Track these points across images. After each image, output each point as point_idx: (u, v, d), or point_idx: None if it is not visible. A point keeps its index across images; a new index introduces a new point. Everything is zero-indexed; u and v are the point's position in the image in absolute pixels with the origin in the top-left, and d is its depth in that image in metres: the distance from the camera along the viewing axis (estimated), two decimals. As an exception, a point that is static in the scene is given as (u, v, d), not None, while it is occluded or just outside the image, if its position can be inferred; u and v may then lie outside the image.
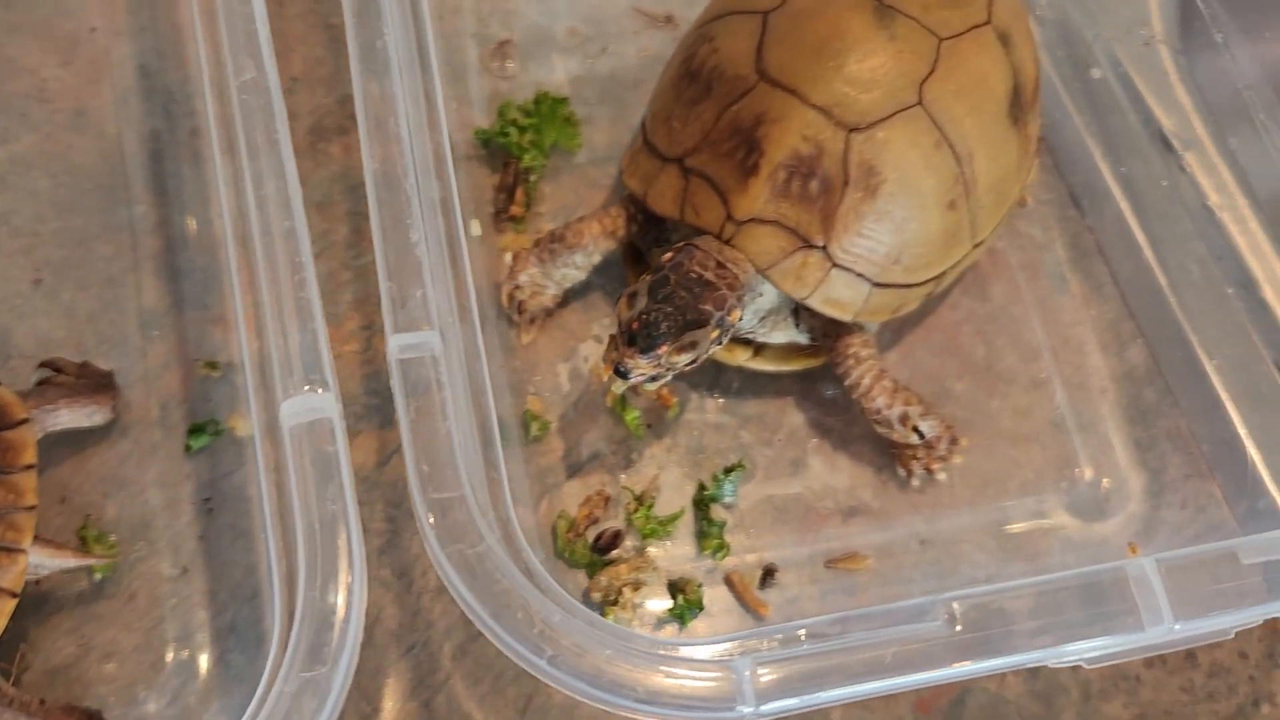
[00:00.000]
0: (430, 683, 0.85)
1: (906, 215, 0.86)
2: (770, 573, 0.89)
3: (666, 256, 0.83)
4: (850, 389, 0.89)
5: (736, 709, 0.67)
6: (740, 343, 0.92)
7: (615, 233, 0.92)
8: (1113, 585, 0.73)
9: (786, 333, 0.92)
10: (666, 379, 0.82)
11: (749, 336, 0.91)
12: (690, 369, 0.83)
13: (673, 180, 0.88)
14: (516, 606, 0.67)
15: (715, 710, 0.67)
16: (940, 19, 0.88)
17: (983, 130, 0.88)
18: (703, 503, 0.90)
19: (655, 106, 0.93)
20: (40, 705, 0.77)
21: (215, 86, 0.80)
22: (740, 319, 0.85)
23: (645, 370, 0.80)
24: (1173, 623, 0.71)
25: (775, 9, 0.88)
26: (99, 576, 0.83)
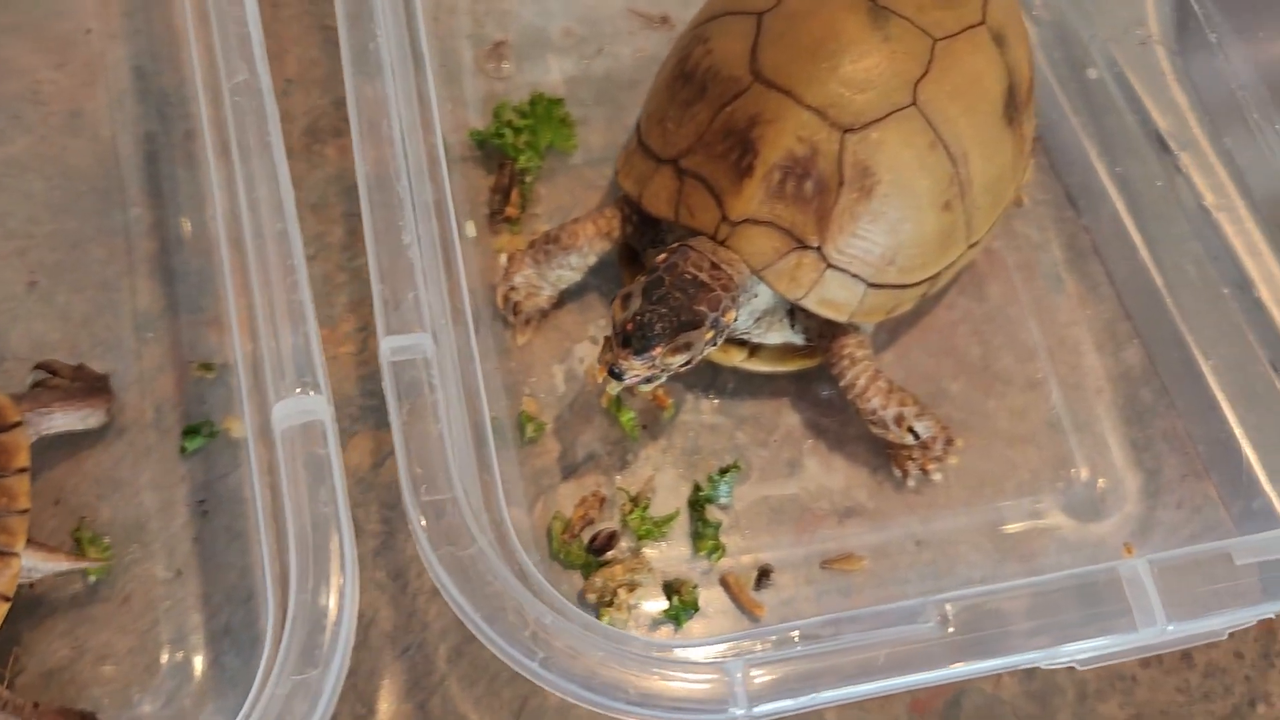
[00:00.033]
0: (425, 684, 0.85)
1: (901, 216, 0.86)
2: (765, 574, 0.89)
3: (661, 258, 0.83)
4: (845, 390, 0.89)
5: (729, 711, 0.67)
6: (736, 343, 0.92)
7: (610, 234, 0.92)
8: (1105, 586, 0.73)
9: (782, 333, 0.92)
10: (661, 380, 0.82)
11: (744, 337, 0.91)
12: (685, 370, 0.83)
13: (667, 181, 0.87)
14: (508, 609, 0.67)
15: (707, 712, 0.67)
16: (934, 20, 0.87)
17: (977, 131, 0.88)
18: (698, 504, 0.90)
19: (650, 107, 0.93)
20: (34, 708, 0.77)
21: (208, 89, 0.80)
22: (735, 320, 0.85)
23: (640, 372, 0.80)
24: (1165, 624, 0.71)
25: (770, 10, 0.88)
26: (93, 579, 0.83)
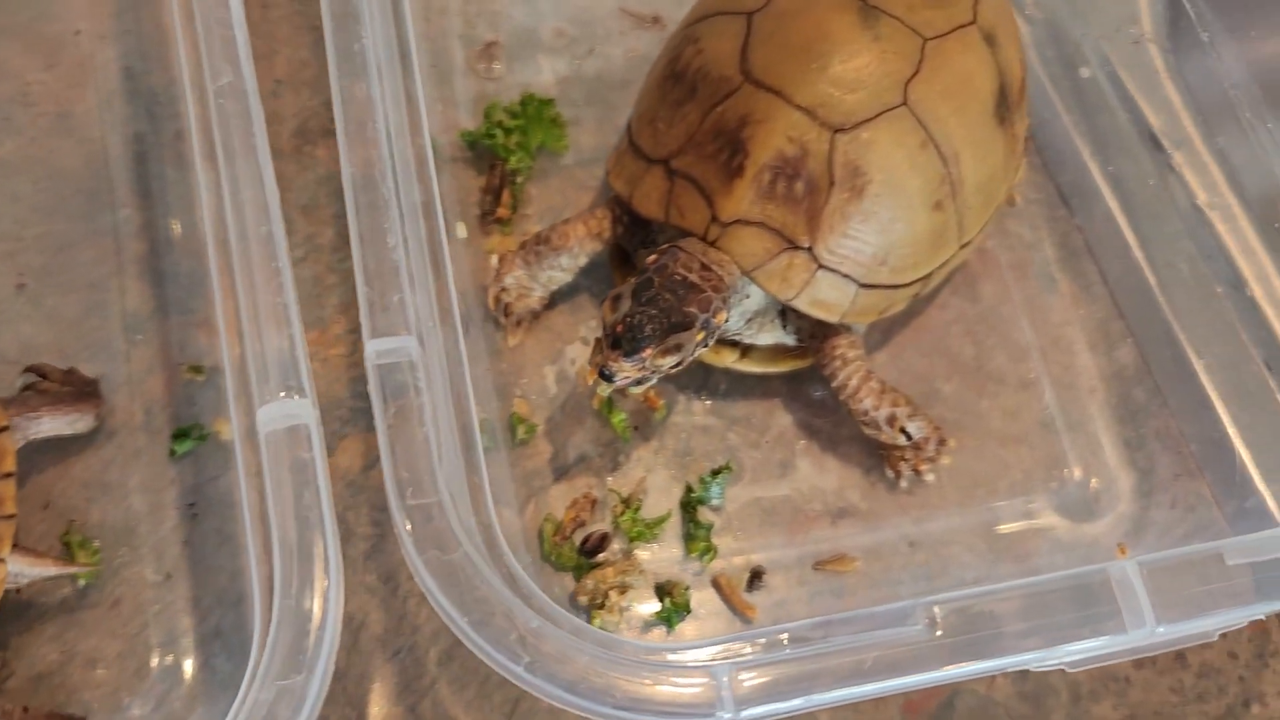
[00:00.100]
0: (416, 688, 0.84)
1: (892, 216, 0.85)
2: (758, 575, 0.89)
3: (651, 259, 0.83)
4: (838, 390, 0.89)
5: (716, 715, 0.67)
6: (727, 344, 0.91)
7: (601, 234, 0.91)
8: (1095, 588, 0.73)
9: (774, 334, 0.91)
10: (652, 382, 0.82)
11: (736, 338, 0.91)
12: (676, 371, 0.82)
13: (658, 182, 0.87)
14: (494, 613, 0.67)
15: (695, 716, 0.67)
16: (925, 19, 0.87)
17: (969, 130, 0.88)
18: (690, 505, 0.90)
19: (640, 108, 0.92)
20: (24, 713, 0.77)
21: (195, 90, 0.80)
22: (726, 321, 0.84)
23: (630, 373, 0.80)
24: (1155, 625, 0.71)
25: (760, 10, 0.88)
26: (82, 583, 0.83)
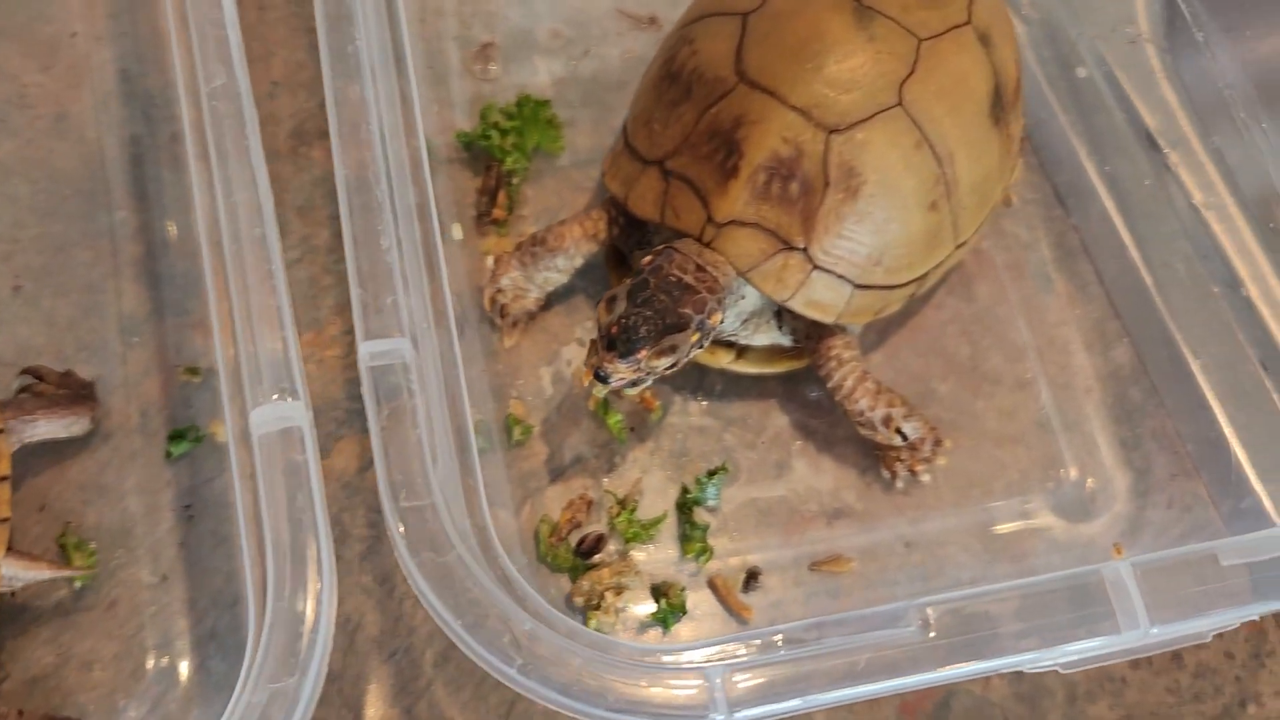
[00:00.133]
0: (412, 689, 0.85)
1: (887, 216, 0.85)
2: (754, 576, 0.89)
3: (646, 260, 0.83)
4: (833, 391, 0.89)
5: (709, 717, 0.67)
6: (723, 345, 0.91)
7: (596, 235, 0.91)
8: (1089, 589, 0.73)
9: (769, 335, 0.91)
10: (647, 383, 0.82)
11: (732, 339, 0.91)
12: (671, 372, 0.82)
13: (653, 183, 0.87)
14: (487, 615, 0.67)
15: (688, 718, 0.67)
16: (919, 20, 0.87)
17: (963, 131, 0.87)
18: (686, 506, 0.90)
19: (636, 109, 0.92)
20: (19, 716, 0.77)
21: (190, 92, 0.80)
22: (721, 322, 0.84)
23: (625, 375, 0.80)
24: (1149, 626, 0.71)
25: (755, 10, 0.88)
26: (78, 585, 0.83)
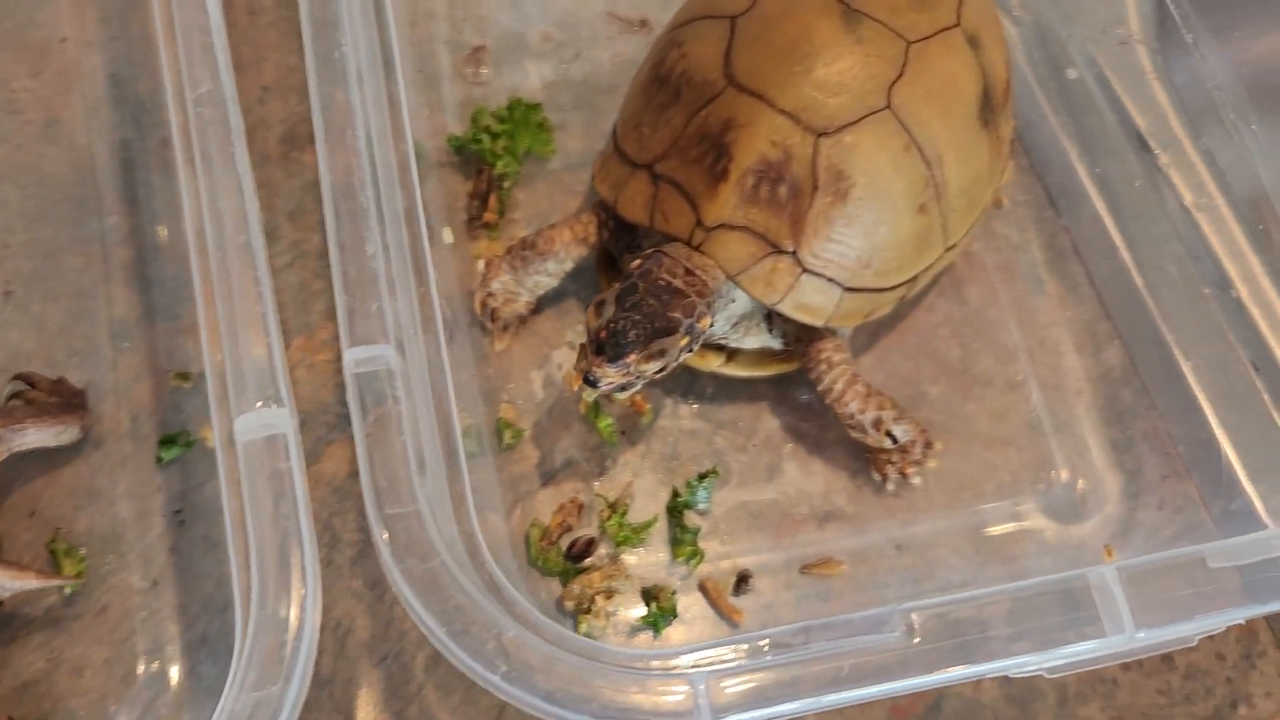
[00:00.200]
0: (403, 693, 0.85)
1: (876, 219, 0.85)
2: (744, 579, 0.89)
3: (635, 264, 0.83)
4: (823, 394, 0.89)
5: (693, 723, 0.67)
6: (714, 348, 0.91)
7: (586, 239, 0.91)
8: (1074, 594, 0.73)
9: (760, 338, 0.91)
10: (637, 387, 0.82)
11: (722, 342, 0.91)
12: (661, 376, 0.82)
13: (642, 186, 0.87)
14: (472, 622, 0.67)
15: (673, 725, 0.67)
16: (908, 22, 0.87)
17: (952, 133, 0.88)
18: (676, 509, 0.90)
19: (626, 112, 0.92)
20: (9, 721, 0.77)
21: (177, 98, 0.80)
22: (711, 325, 0.84)
23: (614, 379, 0.80)
24: (1134, 631, 0.71)
25: (743, 13, 0.88)
26: (69, 590, 0.83)
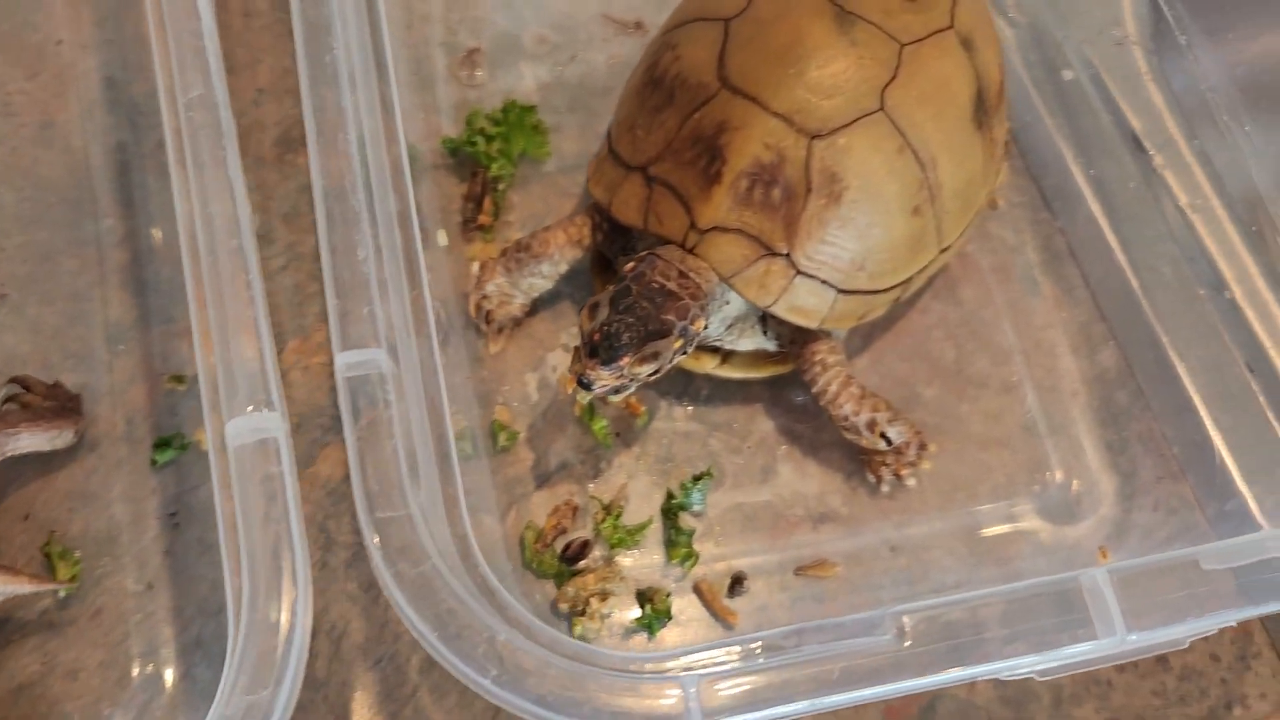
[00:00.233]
0: (398, 695, 0.85)
1: (870, 221, 0.85)
2: (739, 581, 0.89)
3: (629, 267, 0.83)
4: (818, 396, 0.89)
5: (684, 726, 0.67)
6: (708, 350, 0.92)
7: (581, 241, 0.92)
8: (1066, 596, 0.72)
9: (754, 340, 0.91)
10: (631, 390, 0.82)
11: (717, 344, 0.91)
12: (655, 379, 0.82)
13: (636, 189, 0.87)
14: (463, 626, 0.67)
15: (663, 728, 0.67)
16: (901, 24, 0.87)
17: (946, 135, 0.88)
18: (671, 511, 0.90)
19: (620, 115, 0.92)
20: (3, 723, 0.77)
21: (170, 102, 0.80)
22: (705, 328, 0.84)
23: (608, 382, 0.80)
24: (1126, 634, 0.71)
25: (737, 16, 0.88)
26: (63, 593, 0.83)
